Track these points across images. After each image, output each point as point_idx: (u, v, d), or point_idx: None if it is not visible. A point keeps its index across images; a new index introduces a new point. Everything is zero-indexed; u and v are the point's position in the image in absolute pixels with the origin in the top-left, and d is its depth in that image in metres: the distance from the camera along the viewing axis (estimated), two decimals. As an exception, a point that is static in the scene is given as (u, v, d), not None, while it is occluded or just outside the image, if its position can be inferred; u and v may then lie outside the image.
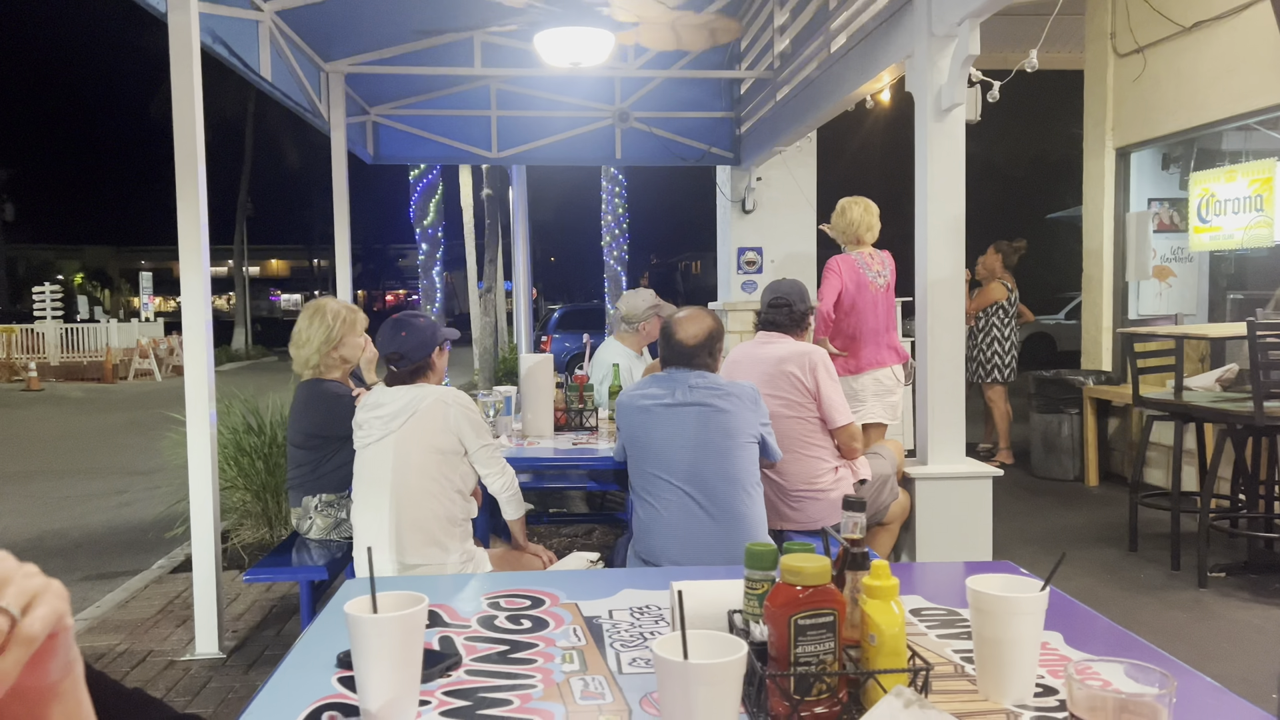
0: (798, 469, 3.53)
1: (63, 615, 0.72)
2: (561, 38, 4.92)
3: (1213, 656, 3.79)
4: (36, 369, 19.44)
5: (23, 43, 56.83)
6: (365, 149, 8.14)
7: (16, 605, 0.68)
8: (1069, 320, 17.76)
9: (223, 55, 4.83)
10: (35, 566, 0.72)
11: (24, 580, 0.70)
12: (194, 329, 3.98)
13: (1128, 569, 4.99)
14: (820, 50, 5.95)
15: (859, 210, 4.87)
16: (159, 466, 6.51)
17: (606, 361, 4.88)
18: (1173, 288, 7.62)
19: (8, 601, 0.67)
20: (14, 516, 7.13)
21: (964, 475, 4.19)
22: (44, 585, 0.71)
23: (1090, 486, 6.99)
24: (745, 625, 1.46)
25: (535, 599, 1.88)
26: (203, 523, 3.98)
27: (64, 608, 0.73)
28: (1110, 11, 7.38)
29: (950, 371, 4.28)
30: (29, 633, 0.67)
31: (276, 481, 5.24)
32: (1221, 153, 7.22)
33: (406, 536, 2.89)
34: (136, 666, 3.84)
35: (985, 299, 7.57)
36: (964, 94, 4.11)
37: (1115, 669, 1.09)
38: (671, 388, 3.02)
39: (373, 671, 1.29)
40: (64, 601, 0.73)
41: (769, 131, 7.54)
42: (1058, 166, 21.99)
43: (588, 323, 16.42)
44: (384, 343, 3.03)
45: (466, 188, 15.38)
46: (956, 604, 1.81)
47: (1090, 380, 7.10)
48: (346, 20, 6.04)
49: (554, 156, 8.69)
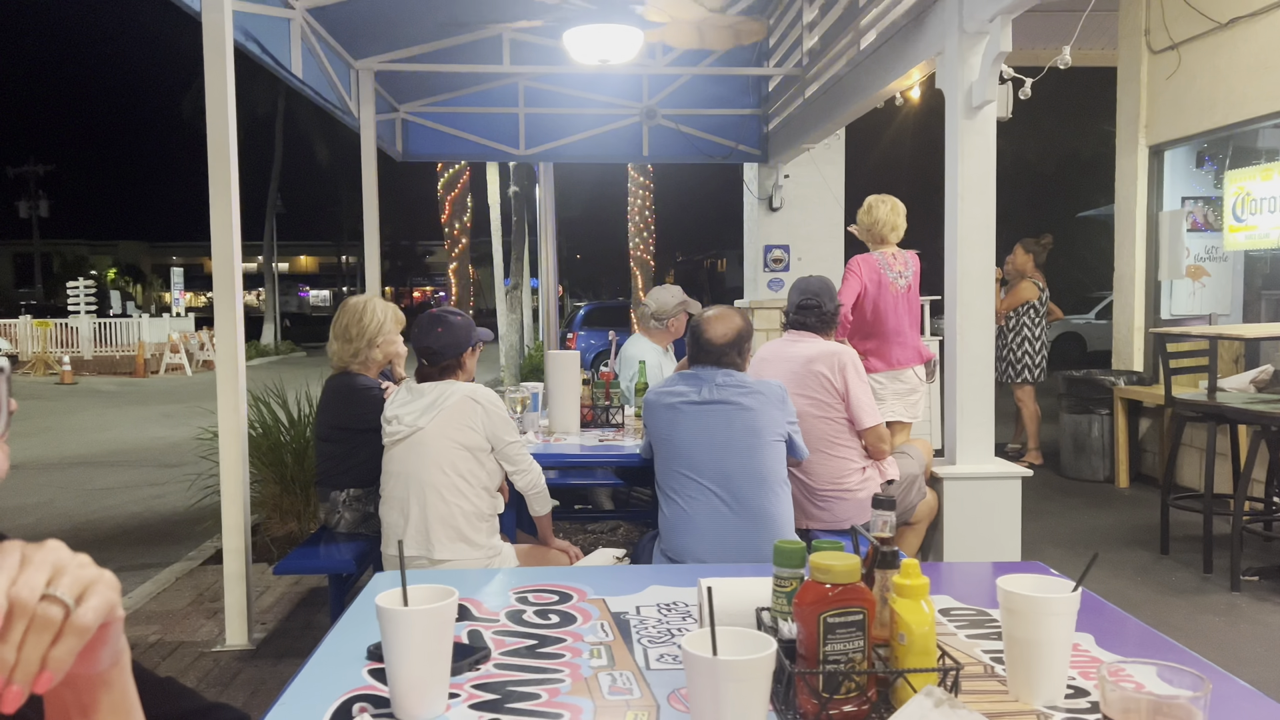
0: (825, 469, 3.52)
1: (114, 606, 0.73)
2: (591, 35, 4.92)
3: (1246, 661, 3.74)
4: (70, 363, 19.73)
5: (58, 41, 57.59)
6: (394, 146, 8.19)
7: (70, 595, 0.69)
8: (1100, 320, 17.57)
9: (255, 53, 4.88)
10: (87, 557, 0.73)
11: (78, 570, 0.70)
12: (225, 324, 4.03)
13: (1159, 572, 4.94)
14: (849, 47, 5.92)
15: (885, 209, 4.84)
16: (190, 459, 6.58)
17: (634, 357, 4.89)
18: (1206, 287, 7.52)
19: (62, 591, 0.68)
20: (48, 508, 7.24)
21: (993, 475, 4.16)
22: (97, 576, 0.72)
23: (1121, 488, 6.92)
24: (773, 623, 1.46)
25: (563, 594, 1.89)
26: (233, 516, 4.03)
27: (115, 598, 0.74)
28: (1144, 7, 7.29)
29: (980, 371, 4.25)
30: (82, 623, 0.68)
31: (306, 475, 5.29)
32: (1257, 150, 7.11)
33: (434, 532, 2.91)
34: (168, 657, 3.89)
35: (1016, 298, 7.50)
36: (995, 91, 4.07)
37: (1148, 671, 1.08)
38: (698, 385, 3.02)
39: (403, 664, 1.30)
40: (115, 592, 0.74)
41: (797, 129, 7.51)
42: (1090, 164, 21.73)
43: (613, 320, 16.45)
44: (419, 336, 3.06)
45: (494, 185, 15.44)
46: (986, 604, 1.80)
47: (1121, 380, 7.02)
48: (376, 18, 6.07)
49: (581, 154, 8.70)
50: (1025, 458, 7.59)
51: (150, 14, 30.08)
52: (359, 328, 3.62)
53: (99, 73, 54.67)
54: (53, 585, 0.68)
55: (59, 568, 0.70)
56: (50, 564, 0.70)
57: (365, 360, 3.65)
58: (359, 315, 3.64)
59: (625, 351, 5.05)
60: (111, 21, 47.54)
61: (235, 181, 3.99)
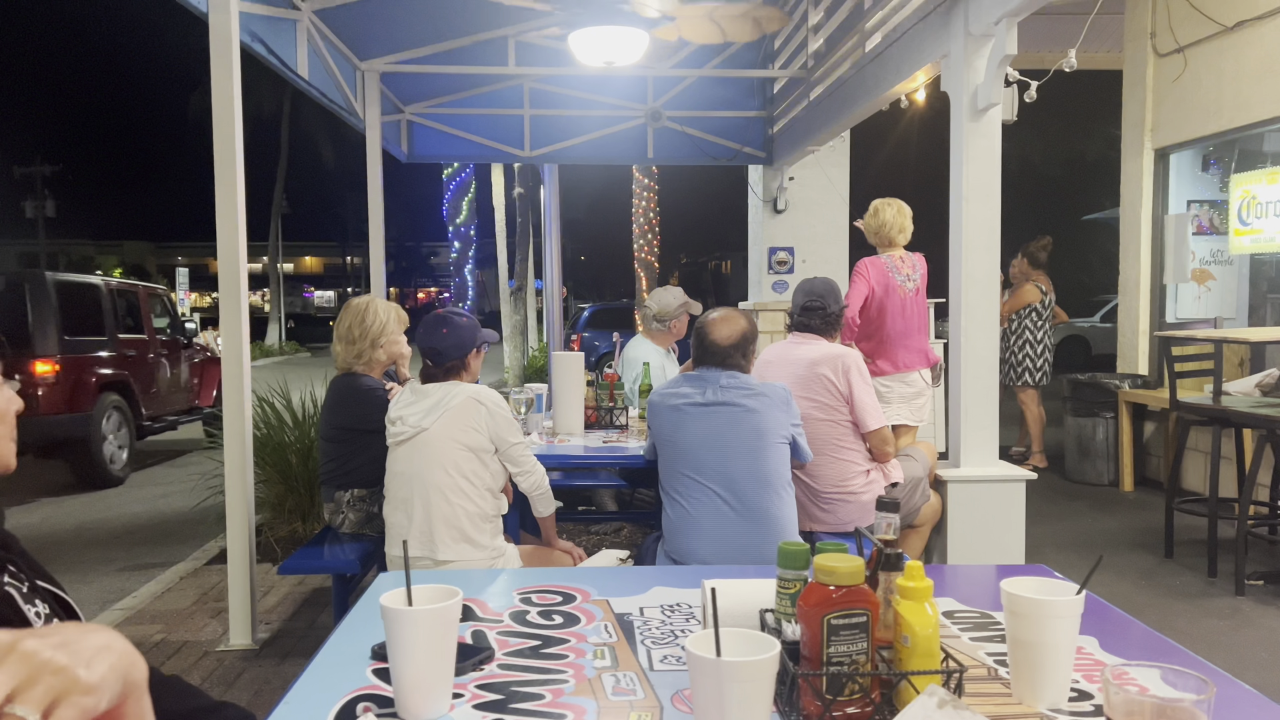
0: (829, 471, 3.52)
1: (96, 706, 0.66)
2: (595, 37, 4.92)
3: (1250, 665, 3.73)
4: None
5: (65, 41, 57.81)
6: (400, 147, 8.20)
7: (36, 710, 0.62)
8: (1104, 323, 17.54)
9: (261, 54, 4.89)
10: (66, 656, 0.66)
11: (51, 678, 0.64)
12: (230, 324, 4.04)
13: (1163, 575, 4.93)
14: (855, 49, 5.92)
15: (891, 212, 4.83)
16: (195, 459, 6.60)
17: (637, 359, 4.89)
18: (1212, 291, 7.50)
19: (27, 708, 0.62)
20: (54, 506, 7.26)
21: (997, 478, 4.15)
22: (70, 683, 0.65)
23: (1125, 491, 6.90)
24: (777, 624, 1.46)
25: (567, 595, 1.89)
26: (237, 516, 4.04)
27: (100, 699, 0.67)
28: (1150, 11, 7.28)
29: (984, 374, 4.24)
30: None
31: (310, 475, 5.30)
32: (1263, 154, 7.10)
33: (438, 532, 2.92)
34: (173, 656, 3.90)
35: (1018, 301, 7.51)
36: (1000, 94, 4.07)
37: (1152, 674, 1.08)
38: (703, 387, 3.02)
39: (407, 664, 1.30)
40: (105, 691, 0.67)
41: (802, 131, 7.51)
42: (1095, 167, 21.73)
43: (617, 321, 16.45)
44: (424, 337, 3.06)
45: (499, 186, 15.46)
46: (990, 607, 1.80)
47: (1126, 384, 7.01)
48: (382, 19, 6.08)
49: (586, 155, 8.71)
50: (1029, 461, 7.58)
51: (157, 15, 30.15)
52: (361, 329, 3.63)
53: (105, 73, 54.88)
54: (17, 699, 0.62)
55: (30, 677, 0.63)
56: (17, 673, 0.63)
57: (369, 361, 3.66)
58: (361, 317, 3.65)
59: (628, 353, 5.06)
60: (118, 22, 47.72)
61: (241, 182, 4.00)
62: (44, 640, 0.66)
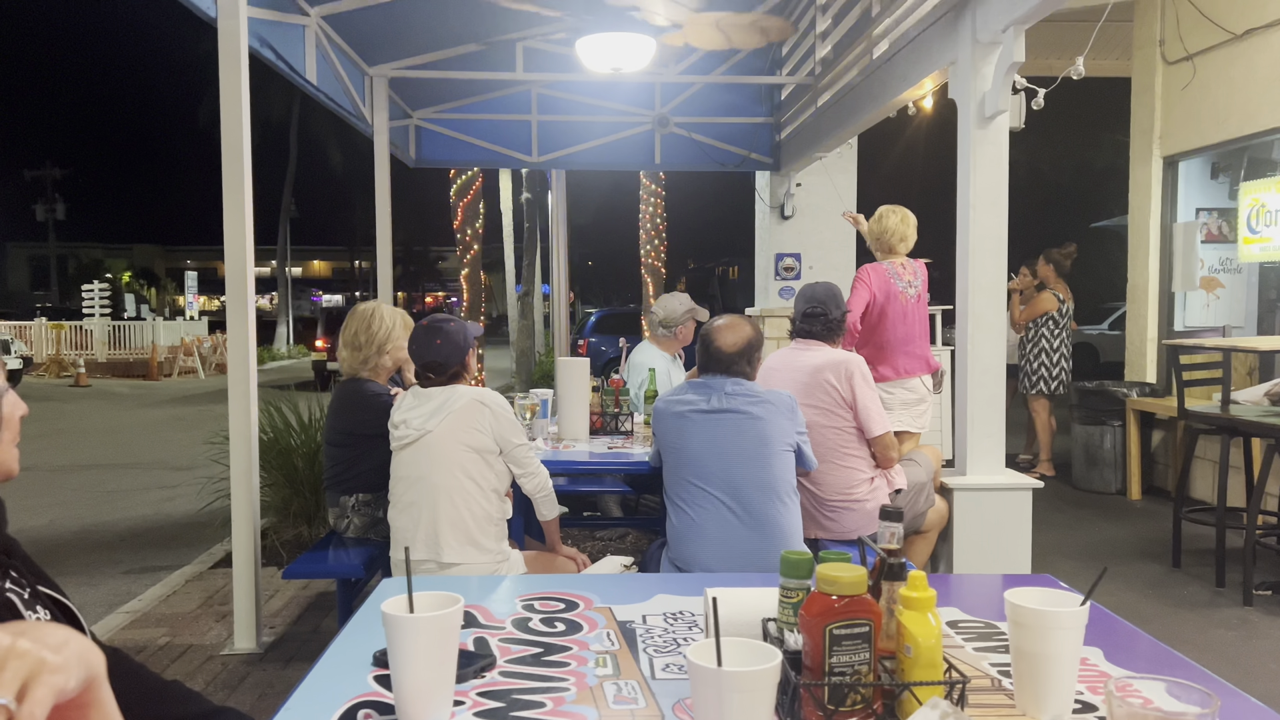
0: (834, 479, 3.51)
1: (67, 685, 0.68)
2: (603, 44, 4.93)
3: (1258, 676, 3.71)
4: (85, 365, 19.85)
5: (75, 46, 58.08)
6: (407, 152, 8.22)
7: (9, 692, 0.64)
8: (1113, 331, 17.49)
9: (270, 59, 4.91)
10: (29, 641, 0.68)
11: (17, 662, 0.66)
12: (237, 328, 4.05)
13: (1170, 585, 4.90)
14: (862, 56, 5.92)
15: (895, 219, 4.83)
16: (201, 462, 6.61)
17: (643, 365, 4.89)
18: (1220, 299, 7.48)
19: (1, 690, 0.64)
20: (60, 509, 7.28)
21: (1003, 486, 4.13)
22: (39, 664, 0.67)
23: (1132, 500, 6.87)
24: (779, 634, 1.45)
25: (569, 602, 1.89)
26: (243, 519, 4.04)
27: (70, 677, 0.69)
28: (1159, 18, 7.27)
29: (990, 381, 4.23)
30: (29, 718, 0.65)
31: (315, 479, 5.31)
32: (1272, 162, 7.07)
33: (443, 535, 2.92)
34: (177, 660, 3.91)
35: (1035, 309, 7.48)
36: (1008, 101, 4.06)
37: (1157, 687, 1.07)
38: (708, 394, 3.02)
39: (408, 671, 1.30)
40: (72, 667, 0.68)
41: (809, 137, 7.51)
42: (1103, 174, 21.68)
43: (624, 327, 16.43)
44: (420, 352, 3.06)
45: (506, 191, 15.49)
46: (994, 617, 1.79)
47: (1134, 392, 6.98)
48: (391, 25, 6.10)
49: (593, 161, 8.72)
50: (1036, 469, 7.55)
51: (166, 20, 30.41)
52: (367, 335, 3.64)
53: (115, 78, 55.27)
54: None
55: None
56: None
57: (375, 367, 3.66)
58: (367, 323, 3.65)
59: (634, 359, 5.06)
60: (128, 27, 48.10)
61: (249, 186, 4.01)
62: (3, 631, 0.68)
